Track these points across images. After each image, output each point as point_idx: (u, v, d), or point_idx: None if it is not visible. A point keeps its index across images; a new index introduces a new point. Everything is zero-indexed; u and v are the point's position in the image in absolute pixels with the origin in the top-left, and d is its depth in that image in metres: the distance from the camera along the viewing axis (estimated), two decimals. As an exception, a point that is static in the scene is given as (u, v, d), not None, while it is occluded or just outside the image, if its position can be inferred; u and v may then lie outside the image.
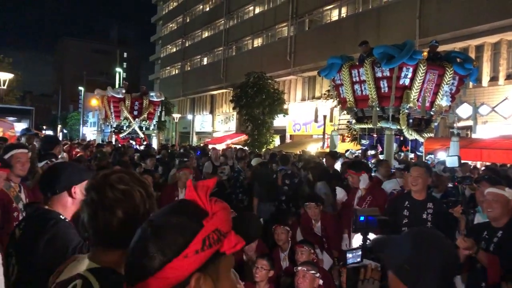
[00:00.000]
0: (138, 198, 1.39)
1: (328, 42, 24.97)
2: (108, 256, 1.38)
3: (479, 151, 12.62)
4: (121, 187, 1.38)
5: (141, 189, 1.41)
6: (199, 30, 43.32)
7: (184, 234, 0.94)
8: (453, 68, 10.05)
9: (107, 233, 1.36)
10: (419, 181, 4.31)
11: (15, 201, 3.70)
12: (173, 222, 0.96)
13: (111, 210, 1.35)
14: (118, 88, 20.39)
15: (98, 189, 1.39)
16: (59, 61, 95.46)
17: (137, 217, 1.36)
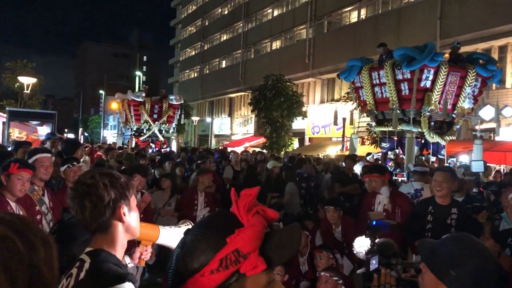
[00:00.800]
0: (101, 189, 1.60)
1: (347, 44, 24.83)
2: (96, 240, 1.64)
3: (503, 154, 12.37)
4: (87, 181, 1.62)
5: (107, 181, 1.62)
6: (218, 33, 43.55)
7: (205, 252, 0.94)
8: (476, 69, 9.87)
9: (85, 221, 1.62)
10: (443, 186, 4.21)
11: (38, 204, 3.76)
12: (200, 237, 0.96)
13: (82, 202, 1.60)
14: (138, 92, 20.58)
15: (74, 187, 1.65)
16: (80, 65, 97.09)
17: (102, 204, 1.60)
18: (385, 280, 1.87)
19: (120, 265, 1.59)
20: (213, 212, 1.05)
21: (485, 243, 3.03)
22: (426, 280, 1.66)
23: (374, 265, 1.96)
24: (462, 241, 1.65)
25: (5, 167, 3.45)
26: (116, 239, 1.65)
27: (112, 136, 51.02)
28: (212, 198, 6.89)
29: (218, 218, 1.02)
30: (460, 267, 1.56)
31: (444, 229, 3.98)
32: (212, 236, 0.95)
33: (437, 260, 1.62)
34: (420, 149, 10.86)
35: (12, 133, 11.81)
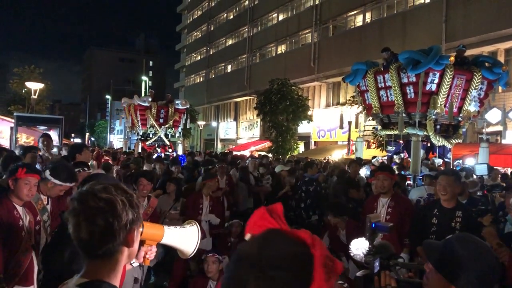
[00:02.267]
0: (120, 207, 1.35)
1: (353, 48, 24.84)
2: (95, 267, 1.37)
3: (510, 157, 12.31)
4: (103, 196, 1.35)
5: (124, 199, 1.38)
6: (223, 38, 43.70)
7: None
8: (481, 72, 9.84)
9: (90, 243, 1.33)
10: (447, 190, 4.21)
11: (40, 214, 3.77)
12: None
13: (92, 219, 1.32)
14: (144, 97, 20.69)
15: (81, 198, 1.36)
16: (86, 70, 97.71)
17: (119, 226, 1.34)
18: (386, 282, 1.88)
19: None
20: (289, 248, 0.95)
21: (488, 230, 3.09)
22: (433, 281, 1.68)
23: (377, 267, 1.97)
24: (467, 242, 1.67)
25: (13, 172, 3.48)
26: (118, 266, 1.41)
27: (118, 141, 51.26)
28: (217, 202, 6.91)
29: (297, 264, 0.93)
30: (469, 269, 1.59)
31: (449, 232, 3.97)
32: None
33: (445, 261, 1.65)
34: (426, 152, 10.83)
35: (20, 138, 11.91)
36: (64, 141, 15.06)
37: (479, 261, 1.60)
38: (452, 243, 1.69)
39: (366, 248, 2.11)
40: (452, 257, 1.63)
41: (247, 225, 1.12)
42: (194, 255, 1.93)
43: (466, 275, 1.59)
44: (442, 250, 1.68)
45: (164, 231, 1.81)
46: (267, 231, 1.01)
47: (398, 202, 5.00)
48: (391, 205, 4.97)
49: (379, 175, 5.19)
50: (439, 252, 1.68)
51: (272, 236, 0.98)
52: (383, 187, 5.06)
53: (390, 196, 5.05)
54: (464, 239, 1.70)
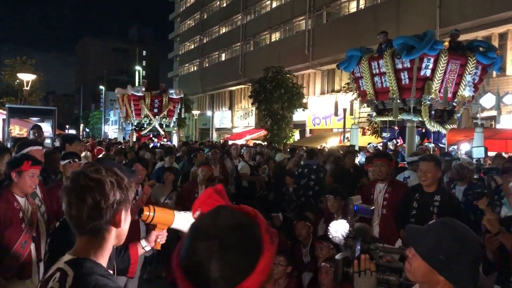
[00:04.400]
0: (108, 187, 1.44)
1: (347, 34, 24.72)
2: (83, 245, 1.46)
3: (504, 141, 12.33)
4: (93, 176, 1.44)
5: (114, 180, 1.46)
6: (217, 26, 43.39)
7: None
8: (476, 57, 9.83)
9: (78, 220, 1.43)
10: (428, 176, 4.28)
11: (31, 197, 3.76)
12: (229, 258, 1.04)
13: (82, 197, 1.41)
14: (138, 87, 20.60)
15: (73, 178, 1.46)
16: (80, 61, 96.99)
17: (105, 204, 1.43)
18: (365, 266, 1.86)
19: (108, 276, 1.44)
20: (240, 221, 1.10)
21: (488, 216, 3.09)
22: (416, 266, 1.66)
23: (358, 251, 1.95)
24: (456, 230, 1.64)
25: (17, 164, 3.47)
26: (105, 245, 1.48)
27: (113, 132, 51.10)
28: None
29: (246, 238, 1.07)
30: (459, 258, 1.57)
31: (427, 216, 4.03)
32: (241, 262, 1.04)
33: (428, 248, 1.62)
34: (421, 138, 10.86)
35: (13, 130, 11.81)
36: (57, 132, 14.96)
37: (462, 246, 1.58)
38: (435, 227, 1.67)
39: (345, 230, 2.08)
40: (434, 242, 1.61)
41: (195, 203, 1.28)
42: None
43: (451, 263, 1.57)
44: (426, 235, 1.65)
45: (174, 215, 1.83)
46: (217, 207, 1.15)
47: (395, 188, 5.00)
48: (388, 191, 4.98)
49: (376, 162, 5.20)
50: (422, 237, 1.65)
51: (222, 210, 1.12)
52: (380, 174, 5.06)
53: (387, 182, 5.05)
54: (448, 224, 1.67)
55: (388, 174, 5.09)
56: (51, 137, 10.90)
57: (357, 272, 1.85)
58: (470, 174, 6.04)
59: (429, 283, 1.64)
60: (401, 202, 4.62)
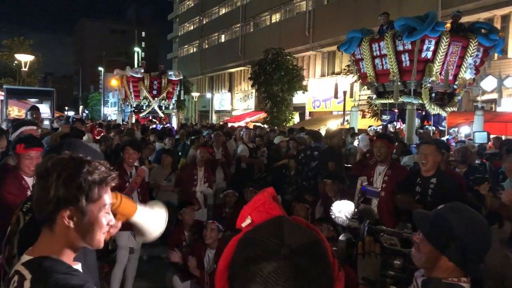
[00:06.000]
0: (52, 180, 1.33)
1: (348, 15, 24.44)
2: (41, 240, 1.38)
3: (504, 124, 12.33)
4: (47, 165, 1.36)
5: (63, 173, 1.34)
6: (216, 6, 42.93)
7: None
8: (478, 39, 9.74)
9: (35, 205, 1.39)
10: (429, 159, 4.25)
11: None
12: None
13: (36, 185, 1.38)
14: (136, 68, 20.46)
15: (39, 164, 1.42)
16: (78, 42, 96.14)
17: (46, 198, 1.33)
18: (370, 248, 1.84)
19: (70, 272, 1.32)
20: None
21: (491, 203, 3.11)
22: (424, 251, 1.65)
23: (366, 232, 1.92)
24: (460, 212, 1.64)
25: (13, 147, 3.49)
26: (62, 240, 1.36)
27: (113, 113, 50.96)
28: (211, 173, 6.89)
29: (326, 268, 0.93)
30: (461, 239, 1.57)
31: (425, 200, 4.03)
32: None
33: (436, 231, 1.62)
34: (421, 121, 10.83)
35: (12, 112, 11.78)
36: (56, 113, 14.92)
37: (472, 231, 1.58)
38: (444, 212, 1.66)
39: (349, 211, 2.05)
40: (443, 227, 1.60)
41: (244, 209, 1.09)
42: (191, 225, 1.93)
43: (458, 245, 1.56)
44: (435, 220, 1.64)
45: (137, 209, 1.77)
46: (277, 218, 0.98)
47: (395, 171, 4.94)
48: (388, 173, 4.92)
49: (376, 143, 5.15)
50: (431, 222, 1.65)
51: (286, 224, 0.94)
52: (379, 155, 5.03)
53: (387, 164, 5.00)
54: (457, 209, 1.67)
55: (387, 156, 5.05)
56: (49, 119, 10.89)
57: (361, 254, 1.83)
58: (471, 157, 6.04)
59: (436, 268, 1.64)
60: (400, 185, 4.61)
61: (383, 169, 5.00)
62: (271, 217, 1.00)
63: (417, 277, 1.77)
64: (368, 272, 1.80)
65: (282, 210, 1.06)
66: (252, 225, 1.03)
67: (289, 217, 1.01)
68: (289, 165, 7.94)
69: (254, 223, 1.03)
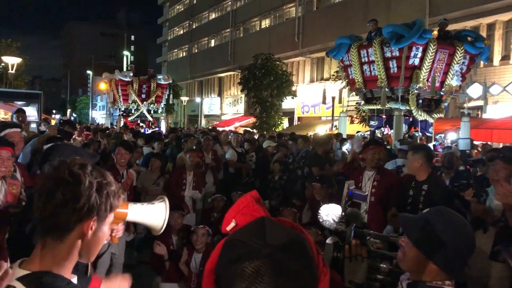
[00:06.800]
0: (84, 187, 1.23)
1: (337, 22, 24.63)
2: (41, 250, 1.25)
3: (490, 131, 12.48)
4: (74, 170, 1.25)
5: (94, 182, 1.26)
6: (206, 11, 42.94)
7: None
8: (464, 47, 9.89)
9: (41, 213, 1.24)
10: (414, 165, 4.35)
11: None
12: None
13: (53, 189, 1.22)
14: (125, 72, 20.38)
15: (55, 166, 1.28)
16: (67, 45, 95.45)
17: (74, 206, 1.22)
18: (356, 252, 1.85)
19: (72, 286, 1.25)
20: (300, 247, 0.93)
21: (476, 208, 3.16)
22: (409, 254, 1.66)
23: (352, 236, 1.94)
24: (447, 217, 1.65)
25: None
26: (67, 255, 1.26)
27: (101, 117, 50.61)
28: (202, 178, 6.88)
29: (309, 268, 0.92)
30: (448, 244, 1.58)
31: (417, 205, 4.09)
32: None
33: (424, 237, 1.62)
34: (408, 127, 10.93)
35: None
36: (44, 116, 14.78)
37: (456, 235, 1.59)
38: (431, 217, 1.67)
39: (336, 215, 2.06)
40: (428, 230, 1.61)
41: (229, 212, 1.10)
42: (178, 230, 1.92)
43: (442, 249, 1.57)
44: (421, 225, 1.65)
45: (128, 208, 1.76)
46: (260, 219, 0.98)
47: (384, 176, 4.96)
48: (377, 178, 4.93)
49: (374, 149, 5.08)
50: (417, 226, 1.66)
51: (268, 224, 0.95)
52: (376, 161, 4.98)
53: (376, 169, 5.00)
54: (442, 213, 1.68)
55: (381, 162, 5.09)
56: (36, 121, 10.79)
57: (348, 258, 1.83)
58: (458, 163, 6.13)
59: (421, 271, 1.65)
60: (397, 190, 4.67)
61: (371, 174, 5.01)
62: (254, 219, 1.01)
63: (403, 280, 1.78)
64: (354, 276, 1.81)
65: (265, 212, 1.06)
66: (236, 228, 1.04)
67: (272, 218, 1.01)
68: (273, 169, 7.97)
69: (239, 226, 1.04)
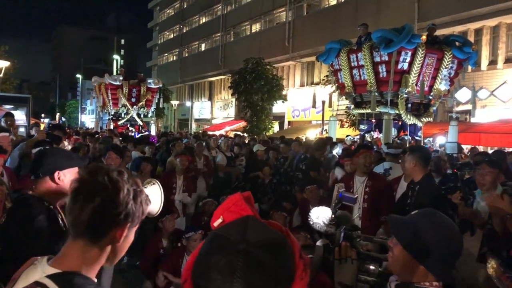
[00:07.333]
0: (123, 194, 1.27)
1: (327, 27, 24.77)
2: (73, 252, 1.27)
3: (478, 135, 12.61)
4: (113, 176, 1.28)
5: (131, 190, 1.30)
6: (197, 15, 42.94)
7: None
8: (452, 51, 10.00)
9: (77, 218, 1.25)
10: (405, 167, 4.42)
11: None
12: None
13: (91, 194, 1.25)
14: (115, 75, 20.29)
15: (92, 170, 1.30)
16: (56, 49, 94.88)
17: (112, 212, 1.26)
18: (346, 254, 1.86)
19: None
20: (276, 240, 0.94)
21: (463, 212, 3.20)
22: (397, 255, 1.67)
23: (342, 238, 1.95)
24: (433, 218, 1.66)
25: None
26: (99, 258, 1.29)
27: (90, 121, 50.29)
28: (191, 182, 6.86)
29: (285, 260, 0.92)
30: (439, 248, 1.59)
31: (406, 206, 4.15)
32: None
33: (409, 237, 1.63)
34: (398, 131, 11.01)
35: (-14, 119, 11.52)
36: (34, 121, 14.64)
37: (444, 237, 1.60)
38: (418, 218, 1.68)
39: (327, 217, 2.08)
40: (416, 232, 1.62)
41: (218, 209, 1.11)
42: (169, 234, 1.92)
43: (430, 250, 1.58)
44: (410, 226, 1.66)
45: None
46: (245, 217, 0.99)
47: (375, 181, 4.96)
48: (369, 184, 4.92)
49: (364, 153, 5.06)
50: (406, 228, 1.66)
51: (252, 222, 0.96)
52: (368, 165, 4.97)
53: (367, 175, 4.98)
54: (430, 214, 1.69)
55: (371, 166, 5.11)
56: (25, 126, 10.69)
57: (338, 260, 1.84)
58: (445, 167, 6.20)
59: (409, 273, 1.66)
60: (388, 196, 4.73)
61: (363, 180, 4.97)
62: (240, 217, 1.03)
63: (391, 282, 1.80)
64: (344, 277, 1.82)
65: (254, 212, 1.06)
66: (223, 224, 1.05)
67: (258, 218, 1.02)
68: (263, 172, 7.99)
69: (225, 222, 1.05)
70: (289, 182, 7.83)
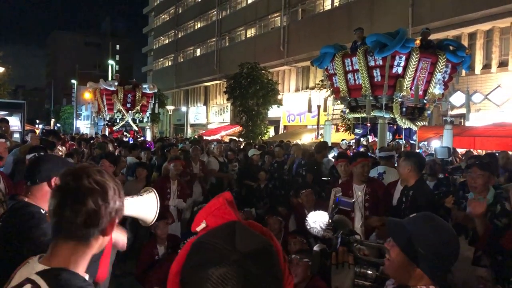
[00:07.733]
0: (111, 193, 1.33)
1: (321, 31, 24.87)
2: (63, 251, 1.30)
3: (472, 138, 12.66)
4: (97, 178, 1.32)
5: (115, 187, 1.36)
6: (192, 21, 43.00)
7: None
8: (446, 56, 10.04)
9: (70, 224, 1.28)
10: (403, 172, 4.46)
11: None
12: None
13: (82, 199, 1.28)
14: (110, 81, 20.28)
15: (74, 175, 1.31)
16: (51, 55, 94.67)
17: (106, 211, 1.31)
18: (343, 259, 1.85)
19: (86, 286, 1.31)
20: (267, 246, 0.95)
21: (456, 215, 3.21)
22: (394, 258, 1.67)
23: (339, 242, 1.95)
24: (431, 222, 1.66)
25: None
26: (89, 253, 1.34)
27: (85, 127, 50.15)
28: (186, 187, 6.84)
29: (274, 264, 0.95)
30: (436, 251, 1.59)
31: (401, 210, 4.18)
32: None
33: (407, 240, 1.63)
34: (393, 135, 11.03)
35: (-20, 125, 11.45)
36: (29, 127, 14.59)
37: (442, 240, 1.60)
38: (416, 221, 1.68)
39: (324, 222, 2.07)
40: (414, 235, 1.62)
41: (200, 213, 1.10)
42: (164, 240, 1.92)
43: (427, 253, 1.58)
44: (407, 229, 1.66)
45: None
46: (231, 223, 0.99)
47: (374, 187, 4.88)
48: (368, 191, 4.82)
49: (362, 161, 4.93)
50: (403, 231, 1.66)
51: (239, 229, 0.95)
52: (366, 173, 4.90)
53: (365, 182, 4.87)
54: (428, 218, 1.69)
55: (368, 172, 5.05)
56: (19, 132, 10.63)
57: (335, 264, 1.84)
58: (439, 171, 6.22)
59: (405, 276, 1.66)
60: (385, 200, 4.75)
61: (362, 188, 4.85)
62: (225, 221, 1.02)
63: (388, 286, 1.80)
64: (341, 282, 1.81)
65: (237, 215, 1.06)
66: (206, 229, 1.04)
67: (243, 223, 1.02)
68: (259, 177, 7.98)
69: (209, 227, 1.04)
70: (283, 187, 7.82)
